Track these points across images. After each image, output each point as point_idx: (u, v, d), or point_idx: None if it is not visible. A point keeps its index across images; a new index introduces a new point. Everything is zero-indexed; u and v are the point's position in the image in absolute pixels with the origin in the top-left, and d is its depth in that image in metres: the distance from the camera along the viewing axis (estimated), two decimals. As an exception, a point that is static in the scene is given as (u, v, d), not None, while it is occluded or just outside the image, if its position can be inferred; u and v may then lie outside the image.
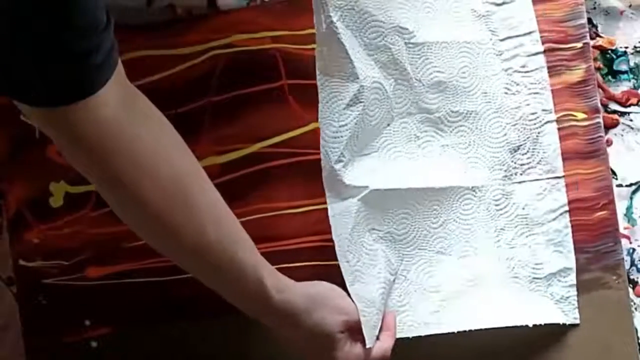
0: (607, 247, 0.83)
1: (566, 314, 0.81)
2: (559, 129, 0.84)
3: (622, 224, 0.85)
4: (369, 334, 0.74)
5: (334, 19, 0.77)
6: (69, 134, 0.57)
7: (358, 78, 0.78)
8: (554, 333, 0.81)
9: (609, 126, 0.87)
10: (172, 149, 0.63)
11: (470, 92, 0.83)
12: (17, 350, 0.84)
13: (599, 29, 0.89)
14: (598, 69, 0.88)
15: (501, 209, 0.83)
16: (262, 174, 0.85)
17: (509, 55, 0.84)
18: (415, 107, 0.83)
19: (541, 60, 0.84)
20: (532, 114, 0.83)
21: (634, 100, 0.88)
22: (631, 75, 0.88)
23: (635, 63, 0.88)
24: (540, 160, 0.83)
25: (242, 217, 0.84)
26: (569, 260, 0.82)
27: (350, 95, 0.78)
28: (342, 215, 0.78)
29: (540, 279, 0.81)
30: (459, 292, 0.81)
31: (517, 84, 0.84)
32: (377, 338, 0.76)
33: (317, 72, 0.78)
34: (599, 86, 0.87)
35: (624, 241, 0.85)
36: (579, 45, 0.85)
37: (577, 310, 0.81)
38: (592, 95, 0.85)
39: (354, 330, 0.74)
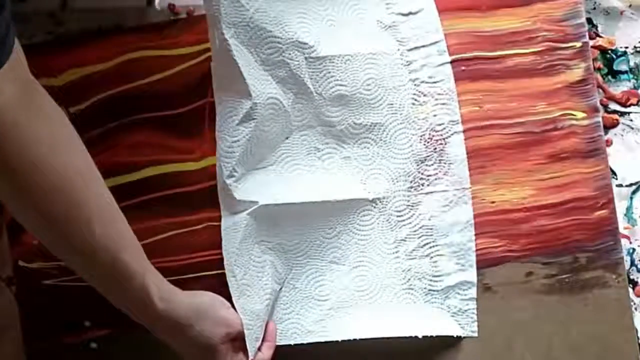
0: (607, 245, 0.83)
1: (463, 326, 0.81)
2: (559, 128, 0.84)
3: (622, 224, 0.85)
4: (251, 345, 0.75)
5: (227, 36, 0.77)
6: None
7: (250, 96, 0.78)
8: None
9: (609, 126, 0.87)
10: (65, 145, 0.62)
11: (375, 104, 0.83)
12: (17, 350, 0.84)
13: (599, 29, 0.89)
14: (598, 69, 0.88)
15: (404, 220, 0.83)
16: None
17: (417, 65, 0.84)
18: (316, 120, 0.83)
19: (448, 70, 0.84)
20: (439, 125, 0.84)
21: (634, 100, 0.88)
22: (631, 75, 0.88)
23: (635, 63, 0.89)
24: (447, 172, 0.83)
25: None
26: (470, 274, 0.82)
27: (242, 112, 0.78)
28: (231, 229, 0.78)
29: (437, 291, 0.82)
30: (349, 302, 0.81)
31: (425, 95, 0.84)
32: (259, 349, 0.77)
33: (213, 88, 0.79)
34: (599, 86, 0.87)
35: (624, 241, 0.85)
36: (579, 44, 0.85)
37: (475, 323, 0.81)
38: (592, 94, 0.85)
39: (237, 341, 0.75)
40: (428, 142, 0.83)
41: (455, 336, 0.81)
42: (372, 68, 0.83)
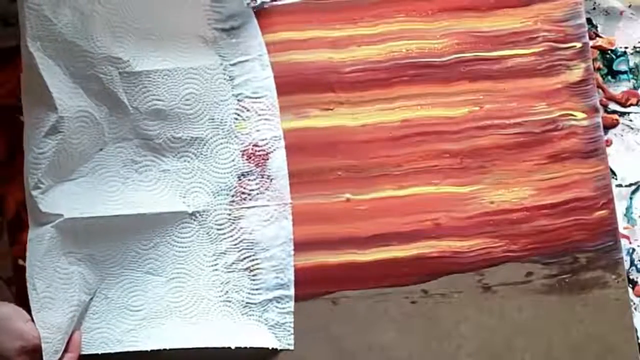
0: (607, 246, 0.83)
1: (280, 339, 0.82)
2: (559, 128, 0.84)
3: (622, 224, 0.86)
4: (48, 359, 0.75)
5: (32, 49, 0.77)
6: None
7: (56, 109, 0.78)
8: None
9: (609, 126, 0.87)
10: None
11: (195, 119, 0.83)
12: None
13: (599, 29, 0.89)
14: (598, 69, 0.88)
15: (224, 233, 0.83)
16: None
17: (241, 80, 0.84)
18: (133, 133, 0.83)
19: (271, 84, 0.84)
20: (262, 140, 0.84)
21: (633, 100, 0.88)
22: (631, 76, 0.89)
23: (635, 63, 0.89)
24: (268, 187, 0.83)
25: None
26: (288, 288, 0.82)
27: (48, 125, 0.78)
28: (35, 241, 0.78)
29: (255, 304, 0.82)
30: (164, 312, 0.82)
31: (248, 110, 0.84)
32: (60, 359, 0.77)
33: (22, 99, 0.79)
34: (599, 86, 0.87)
35: (623, 241, 0.85)
36: (579, 45, 0.85)
37: (291, 336, 0.82)
38: (592, 94, 0.85)
39: (34, 353, 0.74)
40: (250, 157, 0.84)
41: (270, 348, 0.81)
42: (193, 83, 0.83)
